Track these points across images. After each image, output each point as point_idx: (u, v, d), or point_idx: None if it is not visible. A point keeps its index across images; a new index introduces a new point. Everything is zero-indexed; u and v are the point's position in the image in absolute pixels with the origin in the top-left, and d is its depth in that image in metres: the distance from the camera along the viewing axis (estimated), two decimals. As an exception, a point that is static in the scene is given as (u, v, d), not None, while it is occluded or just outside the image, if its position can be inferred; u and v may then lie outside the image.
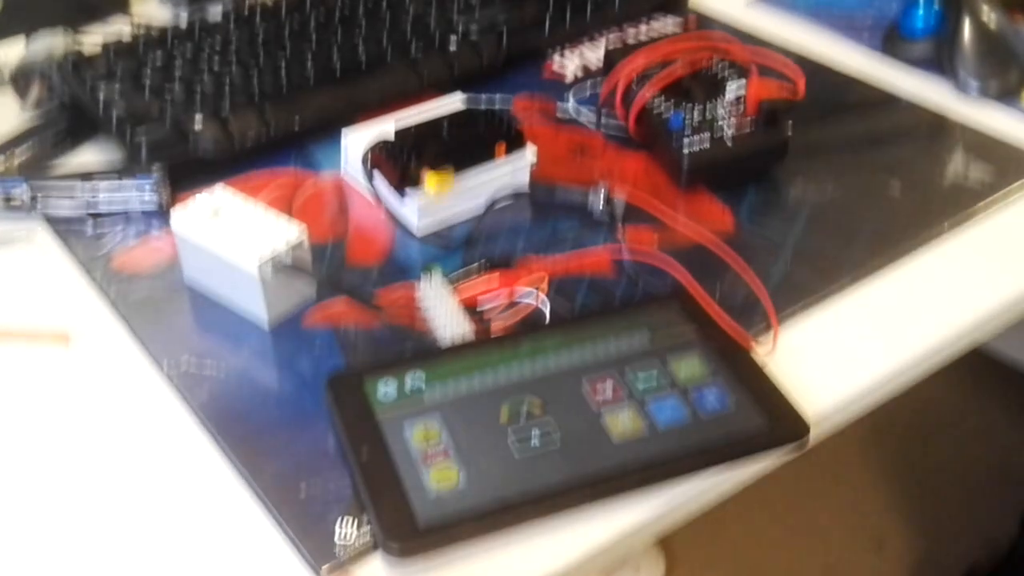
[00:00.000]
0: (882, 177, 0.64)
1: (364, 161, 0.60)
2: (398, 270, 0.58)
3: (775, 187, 0.64)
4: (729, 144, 0.62)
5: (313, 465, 0.46)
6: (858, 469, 1.39)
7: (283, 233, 0.53)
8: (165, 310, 0.55)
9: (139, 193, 0.62)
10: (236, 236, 0.53)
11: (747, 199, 0.63)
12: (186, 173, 0.63)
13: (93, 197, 0.61)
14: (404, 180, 0.58)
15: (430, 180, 0.57)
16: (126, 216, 0.62)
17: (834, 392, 0.50)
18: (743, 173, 0.64)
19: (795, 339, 0.53)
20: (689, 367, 0.49)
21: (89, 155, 0.67)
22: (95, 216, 0.62)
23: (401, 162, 0.58)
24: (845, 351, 0.52)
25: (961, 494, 1.35)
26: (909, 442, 1.42)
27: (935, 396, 1.46)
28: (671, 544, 1.28)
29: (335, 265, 0.58)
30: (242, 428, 0.48)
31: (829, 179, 0.64)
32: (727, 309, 0.52)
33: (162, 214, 0.61)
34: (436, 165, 0.58)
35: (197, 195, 0.56)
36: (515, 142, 0.61)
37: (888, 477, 1.38)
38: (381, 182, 0.60)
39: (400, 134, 0.60)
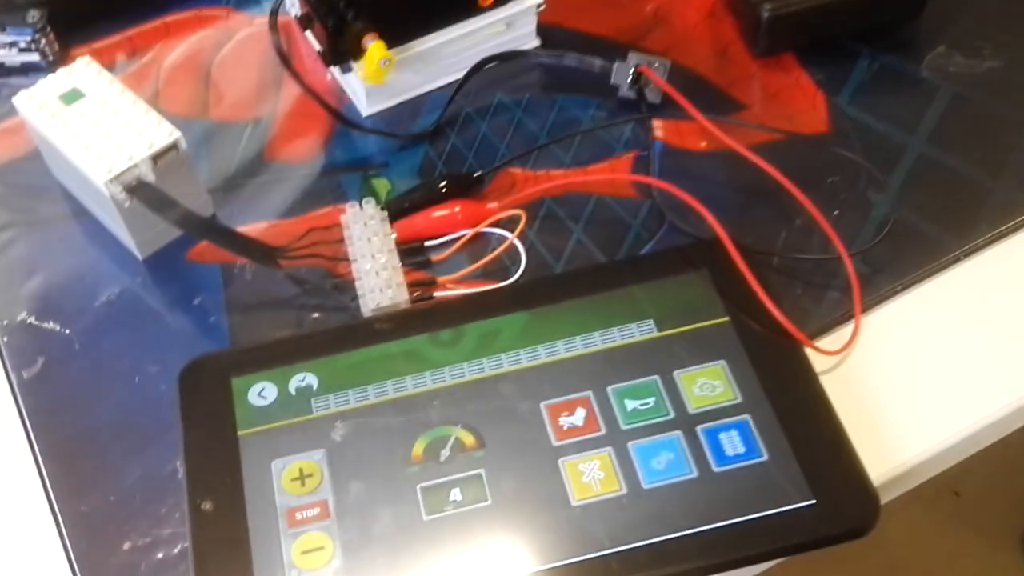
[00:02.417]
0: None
1: (275, 11, 0.43)
2: (333, 173, 0.41)
3: (900, 60, 0.43)
4: (837, -14, 0.42)
5: (152, 500, 0.33)
6: None
7: (149, 137, 0.37)
8: (20, 217, 0.41)
9: (14, 45, 0.46)
10: (90, 136, 0.37)
11: (854, 77, 0.42)
12: (87, 13, 0.48)
13: (-36, 48, 0.46)
14: (338, 48, 0.40)
15: (372, 53, 0.39)
16: (8, 74, 0.47)
17: (934, 430, 0.33)
18: (853, 34, 0.43)
19: (884, 332, 0.35)
20: (707, 387, 0.32)
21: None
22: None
23: (334, 19, 0.40)
24: (969, 364, 0.34)
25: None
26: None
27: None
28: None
29: (250, 159, 0.42)
30: (70, 429, 0.35)
31: (987, 48, 0.42)
32: (791, 278, 0.35)
33: (49, 70, 0.46)
34: (388, 25, 0.40)
35: (59, 70, 0.40)
36: (510, -17, 0.42)
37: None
38: (314, 45, 0.43)
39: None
